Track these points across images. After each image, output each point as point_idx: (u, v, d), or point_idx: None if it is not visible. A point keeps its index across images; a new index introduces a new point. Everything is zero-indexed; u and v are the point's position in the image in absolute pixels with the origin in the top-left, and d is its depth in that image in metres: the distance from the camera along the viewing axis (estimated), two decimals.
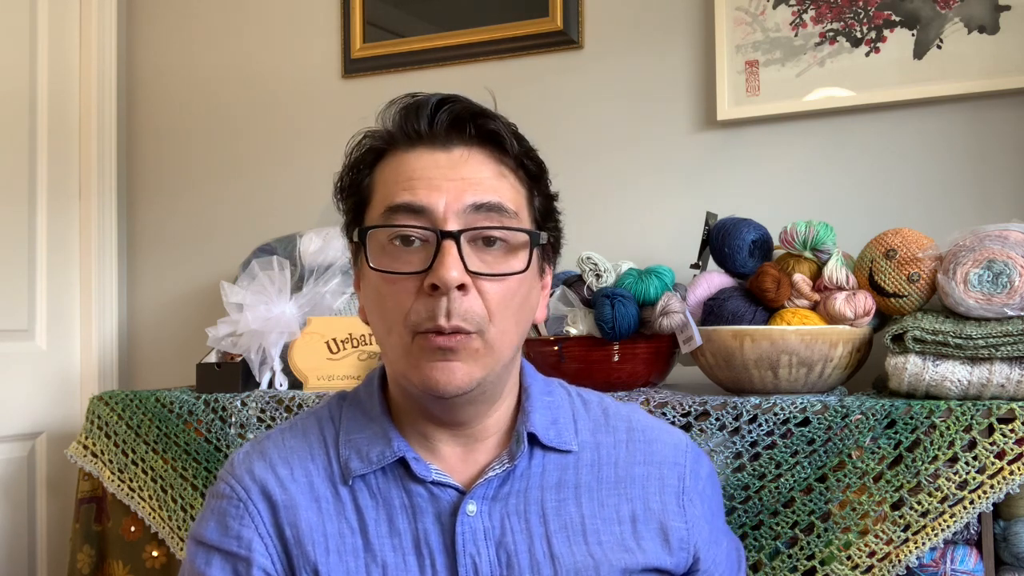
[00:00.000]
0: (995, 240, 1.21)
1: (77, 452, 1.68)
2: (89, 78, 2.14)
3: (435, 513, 0.89)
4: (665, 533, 0.93)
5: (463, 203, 0.85)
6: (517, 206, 0.88)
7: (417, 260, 0.85)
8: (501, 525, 0.89)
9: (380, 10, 2.00)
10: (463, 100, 0.89)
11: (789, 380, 1.29)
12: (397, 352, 0.87)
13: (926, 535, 1.14)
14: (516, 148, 0.89)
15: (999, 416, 1.13)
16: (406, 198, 0.85)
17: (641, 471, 0.95)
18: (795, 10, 1.65)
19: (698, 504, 0.97)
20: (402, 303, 0.85)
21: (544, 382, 0.99)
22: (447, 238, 0.83)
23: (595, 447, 0.95)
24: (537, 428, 0.92)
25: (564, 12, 1.82)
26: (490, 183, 0.87)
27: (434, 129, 0.87)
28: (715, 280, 1.43)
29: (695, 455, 0.99)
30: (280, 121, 2.09)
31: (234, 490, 0.91)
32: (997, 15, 1.53)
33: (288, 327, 1.64)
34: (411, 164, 0.88)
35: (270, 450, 0.94)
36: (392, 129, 0.90)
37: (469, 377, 0.85)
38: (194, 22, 2.19)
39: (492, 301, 0.85)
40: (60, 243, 2.10)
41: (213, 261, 2.13)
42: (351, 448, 0.92)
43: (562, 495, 0.92)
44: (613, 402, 1.02)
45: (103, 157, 2.15)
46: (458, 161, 0.87)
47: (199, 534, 0.92)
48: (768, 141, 1.70)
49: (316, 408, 1.00)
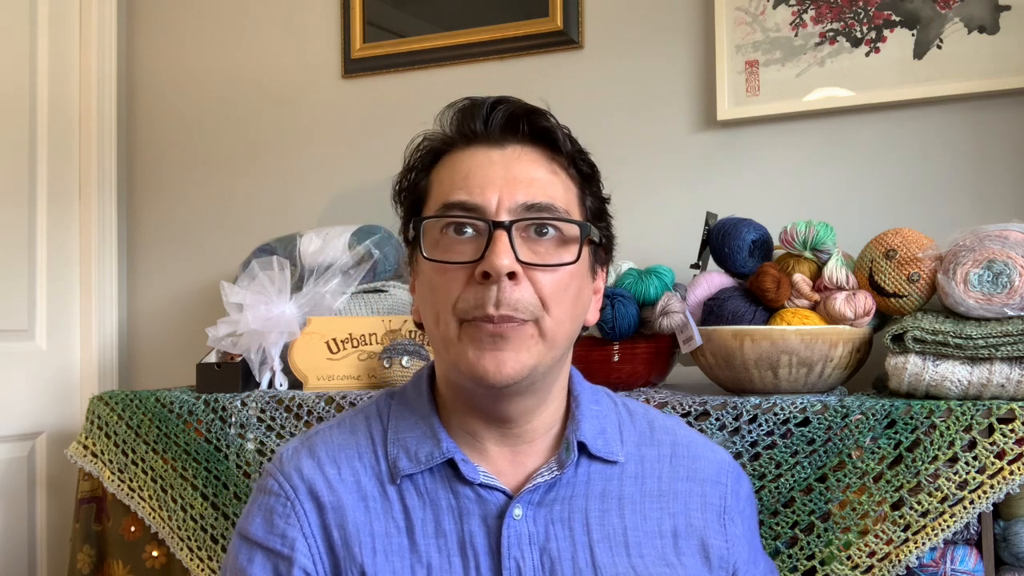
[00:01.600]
0: (995, 240, 1.21)
1: (77, 452, 1.68)
2: (89, 78, 2.14)
3: (481, 515, 0.89)
4: (706, 550, 0.93)
5: (515, 201, 0.86)
6: (568, 204, 0.89)
7: (469, 250, 0.85)
8: (545, 531, 0.89)
9: (380, 10, 2.00)
10: (517, 100, 0.91)
11: (789, 380, 1.29)
12: (446, 341, 0.87)
13: (926, 535, 1.14)
14: (569, 147, 0.91)
15: (999, 416, 1.13)
16: (461, 196, 0.87)
17: (684, 487, 0.95)
18: (795, 10, 1.65)
19: (739, 523, 0.97)
20: (452, 292, 0.85)
21: (592, 390, 0.99)
22: (499, 228, 0.84)
23: (640, 460, 0.96)
24: (587, 437, 0.92)
25: (564, 12, 1.82)
26: (542, 182, 0.88)
27: (489, 128, 0.89)
28: (715, 280, 1.43)
29: (736, 475, 1.00)
30: (280, 121, 2.09)
31: (282, 488, 0.92)
32: (997, 15, 1.53)
33: (288, 327, 1.64)
34: (466, 163, 0.89)
35: (319, 447, 0.94)
36: (449, 131, 0.92)
37: (520, 365, 0.84)
38: (194, 22, 2.19)
39: (545, 290, 0.85)
40: (60, 243, 2.10)
41: (213, 261, 2.13)
42: (399, 447, 0.92)
43: (606, 505, 0.92)
44: (658, 414, 1.02)
45: (103, 157, 2.15)
46: (511, 158, 0.88)
47: (245, 529, 0.92)
48: (768, 141, 1.70)
49: (364, 405, 1.00)
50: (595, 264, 0.95)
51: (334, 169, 2.03)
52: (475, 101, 0.91)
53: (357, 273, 1.72)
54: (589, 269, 0.93)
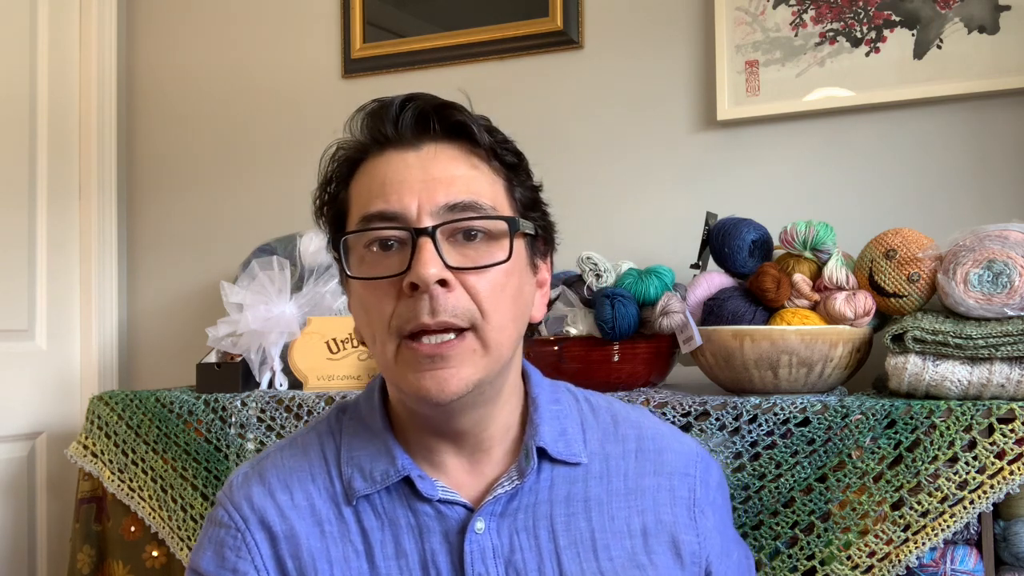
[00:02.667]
0: (995, 240, 1.21)
1: (77, 452, 1.68)
2: (89, 78, 2.14)
3: (442, 532, 0.86)
4: (677, 547, 0.91)
5: (436, 204, 0.82)
6: (493, 199, 0.85)
7: (395, 263, 0.82)
8: (510, 542, 0.87)
9: (380, 10, 2.00)
10: (427, 96, 0.86)
11: (789, 380, 1.29)
12: (385, 361, 0.84)
13: (926, 535, 1.14)
14: (487, 139, 0.86)
15: (999, 416, 1.13)
16: (379, 206, 0.83)
17: (651, 482, 0.93)
18: (795, 10, 1.65)
19: (709, 515, 0.95)
20: (384, 309, 0.82)
21: (551, 388, 0.96)
22: (421, 235, 0.80)
23: (604, 458, 0.93)
24: (546, 441, 0.89)
25: (564, 12, 1.82)
26: (463, 179, 0.84)
27: (400, 129, 0.84)
28: (715, 280, 1.43)
29: (705, 464, 0.97)
30: (280, 121, 2.09)
31: (232, 519, 0.89)
32: (997, 15, 1.53)
33: (288, 327, 1.64)
34: (382, 169, 0.85)
35: (269, 472, 0.91)
36: (361, 137, 0.87)
37: (463, 381, 0.81)
38: (194, 22, 2.19)
39: (481, 295, 0.82)
40: (60, 243, 2.10)
41: (213, 261, 2.13)
42: (353, 466, 0.89)
43: (571, 509, 0.89)
44: (622, 406, 0.99)
45: (103, 157, 2.15)
46: (427, 158, 0.84)
47: (196, 563, 0.90)
48: (768, 141, 1.70)
49: (316, 422, 0.96)
50: (534, 257, 0.90)
51: None
52: (383, 102, 0.86)
53: None
54: (528, 264, 0.89)
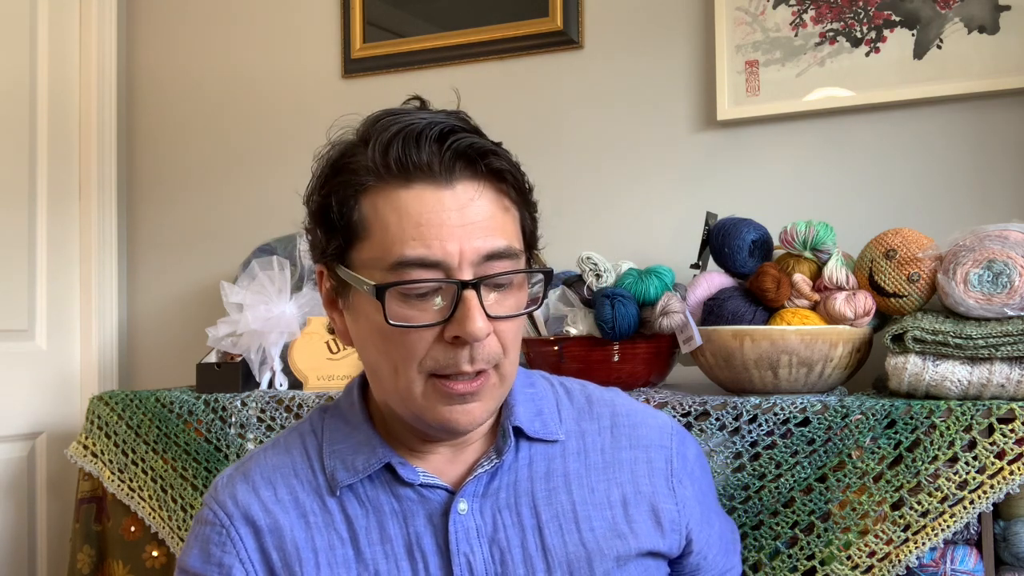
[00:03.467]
0: (995, 240, 1.21)
1: (77, 452, 1.68)
2: (89, 78, 2.14)
3: (426, 515, 0.88)
4: (657, 515, 0.93)
5: (476, 252, 0.81)
6: (516, 238, 0.86)
7: (434, 310, 0.81)
8: (493, 521, 0.89)
9: (380, 10, 2.00)
10: (465, 132, 0.83)
11: (789, 380, 1.29)
12: (408, 394, 0.85)
13: (926, 535, 1.14)
14: (513, 179, 0.86)
15: (999, 416, 1.13)
16: (419, 251, 0.80)
17: (628, 455, 0.95)
18: (795, 10, 1.65)
19: (688, 485, 0.97)
20: (417, 351, 0.82)
21: (524, 375, 0.98)
22: (466, 288, 0.80)
23: (580, 435, 0.95)
24: (522, 421, 0.92)
25: (564, 12, 1.82)
26: (495, 222, 0.83)
27: (434, 166, 0.81)
28: (715, 280, 1.43)
29: (681, 437, 1.00)
30: (280, 121, 2.09)
31: (216, 516, 0.90)
32: (997, 15, 1.53)
33: (288, 327, 1.64)
34: (414, 206, 0.81)
35: (252, 471, 0.93)
36: (378, 159, 0.82)
37: (486, 412, 0.86)
38: (194, 22, 2.19)
39: (507, 338, 0.85)
40: (60, 243, 2.10)
41: (213, 261, 2.13)
42: (336, 458, 0.91)
43: (552, 484, 0.92)
44: (596, 388, 1.02)
45: (103, 157, 2.16)
46: (464, 202, 0.81)
47: (183, 562, 0.92)
48: (768, 141, 1.70)
49: (297, 424, 0.99)
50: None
51: None
52: (415, 128, 0.81)
53: None
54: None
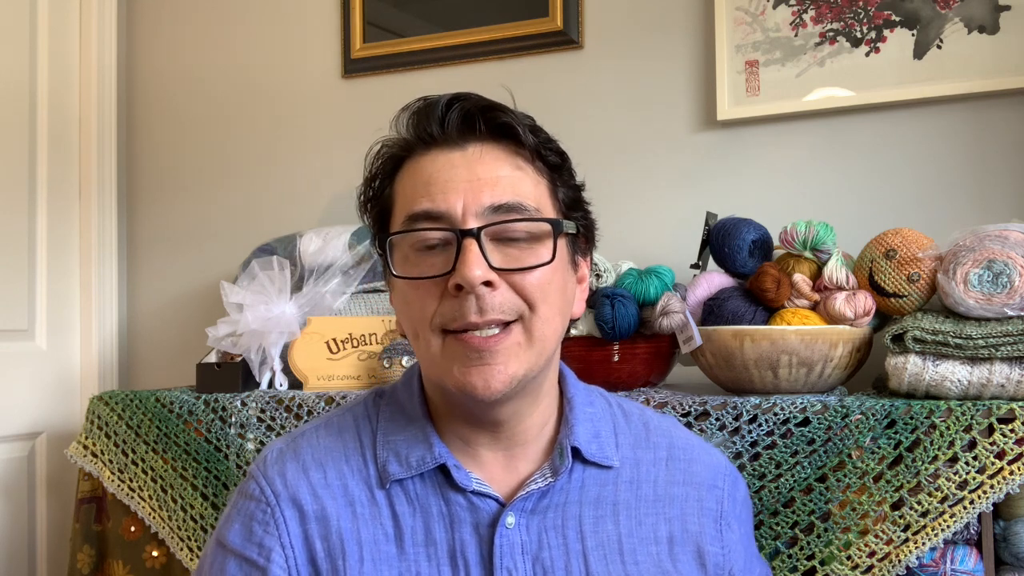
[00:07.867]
0: (995, 240, 1.21)
1: (77, 452, 1.68)
2: (89, 78, 2.14)
3: (473, 524, 0.87)
4: (702, 557, 0.92)
5: (481, 204, 0.82)
6: (537, 200, 0.86)
7: (440, 263, 0.83)
8: (539, 540, 0.87)
9: (380, 10, 2.00)
10: (473, 96, 0.87)
11: (789, 380, 1.29)
12: (430, 356, 0.85)
13: (926, 535, 1.14)
14: (531, 140, 0.87)
15: (999, 416, 1.13)
16: (425, 205, 0.83)
17: (680, 491, 0.94)
18: (795, 10, 1.65)
19: (736, 529, 0.96)
20: (428, 307, 0.83)
21: (586, 391, 0.97)
22: (467, 236, 0.81)
23: (635, 464, 0.93)
24: (580, 442, 0.90)
25: (564, 12, 1.82)
26: (508, 180, 0.84)
27: (446, 129, 0.85)
28: (715, 280, 1.43)
29: (733, 478, 0.98)
30: (280, 121, 2.09)
31: (263, 493, 0.89)
32: (997, 15, 1.53)
33: (288, 327, 1.64)
34: (427, 168, 0.85)
35: (304, 450, 0.91)
36: (407, 135, 0.88)
37: (508, 376, 0.82)
38: (194, 22, 2.19)
39: (527, 290, 0.83)
40: (60, 243, 2.10)
41: (213, 261, 2.13)
42: (389, 450, 0.89)
43: (600, 512, 0.90)
44: (654, 414, 1.00)
45: (103, 157, 2.16)
46: (473, 159, 0.85)
47: (222, 536, 0.90)
48: (768, 141, 1.70)
49: (351, 404, 0.97)
50: (575, 255, 0.91)
51: (334, 169, 2.03)
52: (429, 101, 0.87)
53: (357, 273, 1.72)
54: (569, 261, 0.90)
